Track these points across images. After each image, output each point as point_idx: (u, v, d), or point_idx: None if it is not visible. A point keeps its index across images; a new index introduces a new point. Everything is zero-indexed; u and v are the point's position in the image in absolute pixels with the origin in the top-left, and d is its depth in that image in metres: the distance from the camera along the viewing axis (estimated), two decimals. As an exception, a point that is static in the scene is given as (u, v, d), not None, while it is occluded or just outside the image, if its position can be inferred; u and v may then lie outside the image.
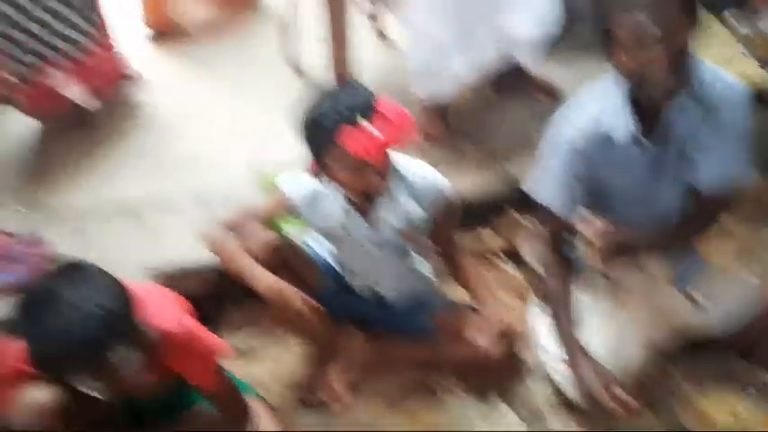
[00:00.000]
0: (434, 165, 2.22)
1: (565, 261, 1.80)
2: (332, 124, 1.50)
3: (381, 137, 1.48)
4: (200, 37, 2.97)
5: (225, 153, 2.36)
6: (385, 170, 1.58)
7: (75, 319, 1.20)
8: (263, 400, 1.72)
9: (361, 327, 1.97)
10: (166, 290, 1.55)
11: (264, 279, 1.66)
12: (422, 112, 2.37)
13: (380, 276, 1.88)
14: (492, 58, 2.25)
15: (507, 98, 2.55)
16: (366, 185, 1.57)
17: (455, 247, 1.83)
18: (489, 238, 2.25)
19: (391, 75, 2.65)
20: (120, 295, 1.28)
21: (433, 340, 1.90)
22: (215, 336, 1.50)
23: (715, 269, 1.96)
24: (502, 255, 2.25)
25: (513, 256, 2.23)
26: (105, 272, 1.30)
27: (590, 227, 1.58)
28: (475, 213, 2.25)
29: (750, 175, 1.65)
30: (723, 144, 1.61)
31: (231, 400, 1.56)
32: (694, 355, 1.88)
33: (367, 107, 1.49)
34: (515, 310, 2.07)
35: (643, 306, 1.83)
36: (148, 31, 2.96)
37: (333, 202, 1.73)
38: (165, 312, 1.42)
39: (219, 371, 1.49)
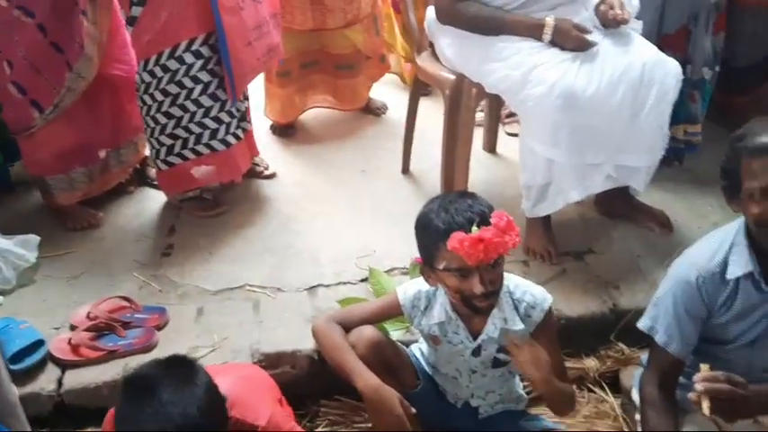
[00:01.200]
0: (537, 282, 2.28)
1: (673, 400, 1.75)
2: (443, 228, 1.59)
3: (489, 243, 1.54)
4: (320, 135, 3.22)
5: (342, 249, 2.48)
6: (494, 282, 1.63)
7: (172, 417, 1.25)
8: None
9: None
10: (265, 376, 1.63)
11: (364, 375, 1.71)
12: (527, 226, 2.43)
13: (475, 388, 1.89)
14: (604, 182, 2.30)
15: (614, 221, 2.58)
16: (470, 292, 1.62)
17: (562, 374, 1.81)
18: (591, 363, 2.21)
19: (500, 187, 2.76)
20: (217, 401, 1.35)
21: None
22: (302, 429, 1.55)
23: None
24: (602, 381, 2.19)
25: (613, 385, 2.18)
26: (206, 373, 1.37)
27: (701, 377, 1.53)
28: (578, 337, 2.24)
29: None
30: None
31: None
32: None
33: (482, 216, 1.58)
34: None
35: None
36: (270, 123, 3.22)
37: (438, 305, 1.79)
38: (260, 405, 1.48)
39: None
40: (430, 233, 1.64)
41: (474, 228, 1.56)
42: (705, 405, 1.52)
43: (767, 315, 1.64)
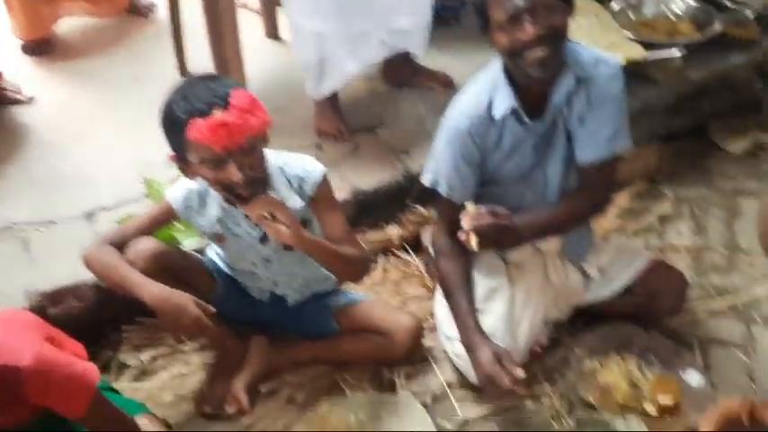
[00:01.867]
0: (332, 161, 2.24)
1: (459, 245, 1.81)
2: (184, 118, 1.46)
3: (232, 126, 1.45)
4: (83, 48, 2.88)
5: (114, 168, 2.29)
6: (254, 167, 1.55)
7: None
8: (155, 417, 1.64)
9: (262, 331, 1.93)
10: (27, 316, 1.46)
11: (149, 287, 1.60)
12: (316, 108, 2.37)
13: (276, 277, 1.85)
14: (377, 49, 2.26)
15: (401, 90, 2.57)
16: (230, 181, 1.53)
17: (348, 239, 1.79)
18: (393, 231, 2.24)
19: (285, 73, 2.64)
20: None
21: (337, 338, 1.89)
22: (83, 362, 1.41)
23: (602, 238, 2.02)
24: (406, 246, 2.24)
25: (417, 248, 2.24)
26: None
27: (466, 216, 1.60)
28: (377, 209, 2.25)
29: (626, 145, 1.70)
30: (599, 117, 1.67)
31: (110, 427, 1.49)
32: (591, 328, 1.91)
33: (219, 98, 1.46)
34: (419, 300, 2.08)
35: (536, 283, 1.86)
36: (21, 43, 2.84)
37: (212, 200, 1.69)
38: (21, 346, 1.32)
39: (92, 399, 1.40)
40: (173, 125, 1.50)
41: (215, 112, 1.44)
42: (473, 242, 1.58)
43: (534, 148, 1.71)
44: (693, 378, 1.77)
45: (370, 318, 1.86)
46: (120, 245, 1.69)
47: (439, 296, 1.93)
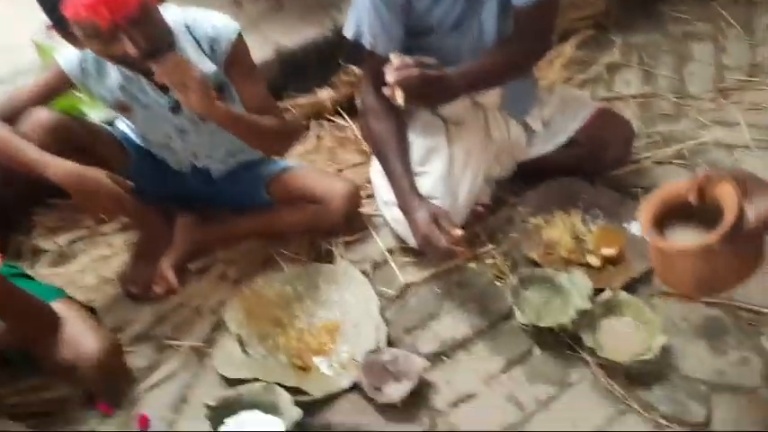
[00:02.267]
0: (252, 20, 2.02)
1: (389, 103, 1.67)
2: None
3: (111, 2, 1.26)
4: None
5: (7, 35, 2.02)
6: (151, 39, 1.35)
7: None
8: (73, 300, 1.53)
9: (188, 207, 1.79)
10: None
11: (54, 163, 1.43)
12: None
13: (195, 148, 1.69)
14: None
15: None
16: (122, 51, 1.33)
17: (270, 108, 1.63)
18: (324, 94, 2.07)
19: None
20: None
21: (270, 209, 1.77)
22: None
23: (546, 90, 1.90)
24: (340, 110, 2.09)
25: (352, 111, 2.08)
26: None
27: (390, 67, 1.44)
28: (306, 70, 2.06)
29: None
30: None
31: (19, 315, 1.37)
32: (534, 184, 1.83)
33: None
34: (356, 166, 1.96)
35: (477, 140, 1.74)
36: None
37: (111, 66, 1.49)
38: None
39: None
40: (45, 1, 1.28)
41: None
42: (399, 96, 1.44)
43: None
44: (638, 228, 1.72)
45: (304, 185, 1.74)
46: (10, 117, 1.50)
47: (374, 162, 1.81)
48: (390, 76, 1.43)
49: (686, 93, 2.16)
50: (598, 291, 1.55)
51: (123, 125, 1.74)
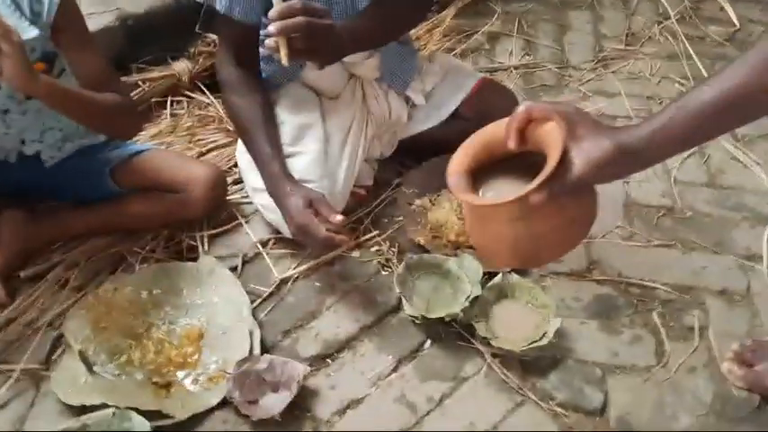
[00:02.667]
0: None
1: (254, 75, 1.48)
2: None
3: None
4: None
5: None
6: None
7: None
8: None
9: (17, 203, 1.51)
10: None
11: None
12: None
13: (23, 132, 1.40)
14: None
15: None
16: None
17: (109, 82, 1.38)
18: (181, 66, 1.82)
19: None
20: None
21: (118, 200, 1.52)
22: None
23: (427, 59, 1.76)
24: (200, 85, 1.85)
25: (213, 86, 1.85)
26: None
27: (275, 13, 1.23)
28: (157, 38, 1.81)
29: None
30: None
31: None
32: (418, 163, 1.70)
33: None
34: (220, 148, 1.74)
35: (354, 115, 1.58)
36: None
37: None
38: None
39: None
40: None
41: None
42: (283, 51, 1.23)
43: None
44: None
45: (159, 172, 1.51)
46: None
47: (240, 144, 1.61)
48: (273, 25, 1.22)
49: (567, 63, 2.10)
50: (489, 275, 1.45)
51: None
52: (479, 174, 0.90)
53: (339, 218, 1.33)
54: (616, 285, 1.50)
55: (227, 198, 1.62)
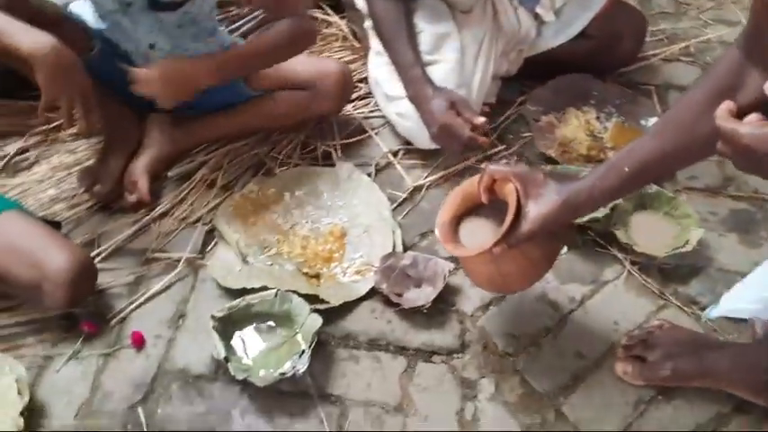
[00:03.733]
0: None
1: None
2: None
3: None
4: None
5: None
6: None
7: None
8: (29, 214, 1.30)
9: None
10: None
11: (29, 32, 1.17)
12: None
13: (159, 38, 1.44)
14: None
15: None
16: None
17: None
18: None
19: None
20: None
21: (253, 102, 1.56)
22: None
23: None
24: (323, 6, 1.88)
25: (338, 5, 1.88)
26: None
27: None
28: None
29: None
30: None
31: None
32: (547, 77, 1.70)
33: None
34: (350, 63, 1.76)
35: (486, 29, 1.59)
36: None
37: None
38: None
39: None
40: None
41: None
42: None
43: None
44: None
45: (290, 71, 1.52)
46: None
47: (374, 56, 1.64)
48: None
49: (685, -7, 2.06)
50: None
51: (80, 6, 1.48)
52: (463, 216, 1.10)
53: (482, 119, 1.35)
54: (753, 201, 1.49)
55: (355, 112, 1.66)
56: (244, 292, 1.28)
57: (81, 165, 1.53)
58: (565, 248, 1.40)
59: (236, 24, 1.75)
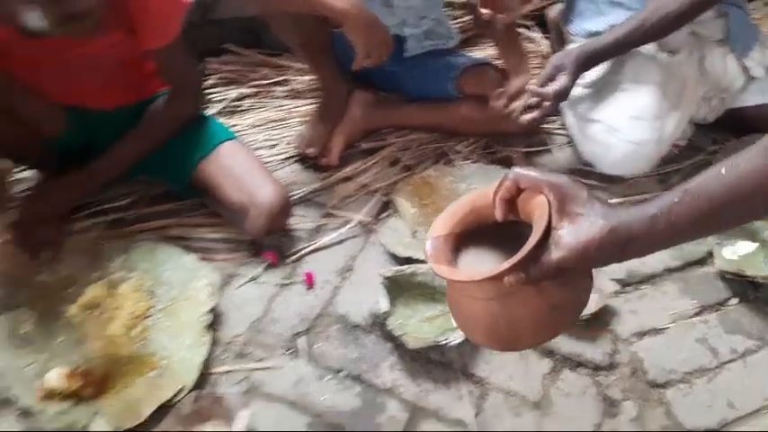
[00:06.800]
0: None
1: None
2: None
3: None
4: None
5: None
6: None
7: None
8: (246, 146, 1.47)
9: (369, 86, 1.70)
10: None
11: None
12: None
13: (406, 12, 1.57)
14: None
15: None
16: None
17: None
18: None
19: None
20: None
21: (453, 102, 1.65)
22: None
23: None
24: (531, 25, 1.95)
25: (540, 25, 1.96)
26: None
27: None
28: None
29: None
30: None
31: (180, 69, 1.34)
32: (742, 133, 1.66)
33: None
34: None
35: (687, 68, 1.59)
36: None
37: None
38: None
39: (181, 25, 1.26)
40: None
41: None
42: None
43: None
44: None
45: (498, 83, 1.61)
46: None
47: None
48: None
49: None
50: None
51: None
52: (465, 237, 0.78)
53: None
54: None
55: (543, 126, 1.71)
56: (408, 261, 1.36)
57: (285, 120, 1.70)
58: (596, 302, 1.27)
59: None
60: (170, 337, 1.22)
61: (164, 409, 1.13)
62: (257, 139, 1.63)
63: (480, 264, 0.76)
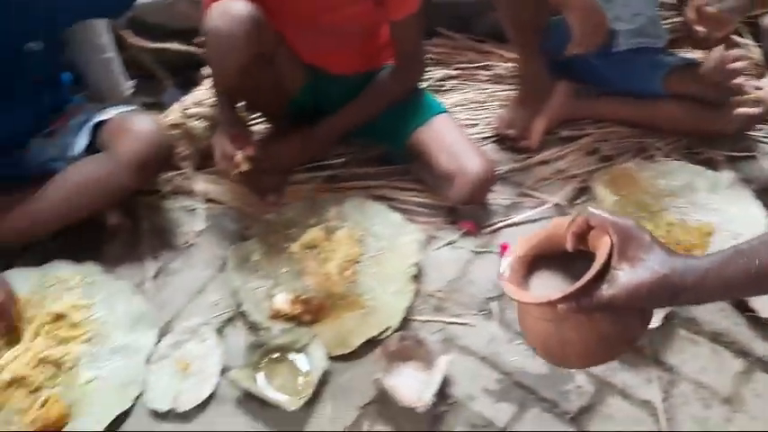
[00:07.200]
0: None
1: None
2: None
3: None
4: None
5: None
6: None
7: None
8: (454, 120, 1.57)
9: (572, 79, 1.74)
10: None
11: None
12: None
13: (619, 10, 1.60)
14: None
15: None
16: None
17: None
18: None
19: None
20: None
21: (658, 100, 1.65)
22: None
23: None
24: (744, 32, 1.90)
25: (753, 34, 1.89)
26: None
27: None
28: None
29: None
30: None
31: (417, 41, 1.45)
32: None
33: None
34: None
35: None
36: None
37: None
38: None
39: None
40: None
41: None
42: None
43: None
44: None
45: (699, 85, 1.59)
46: None
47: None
48: None
49: None
50: None
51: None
52: (540, 260, 0.87)
53: None
54: None
55: (750, 133, 1.66)
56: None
57: (485, 103, 1.78)
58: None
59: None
60: (378, 282, 1.35)
61: (370, 344, 1.26)
62: (459, 117, 1.72)
63: (550, 285, 0.85)
